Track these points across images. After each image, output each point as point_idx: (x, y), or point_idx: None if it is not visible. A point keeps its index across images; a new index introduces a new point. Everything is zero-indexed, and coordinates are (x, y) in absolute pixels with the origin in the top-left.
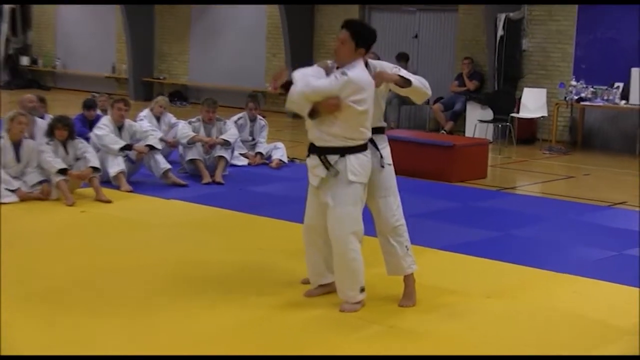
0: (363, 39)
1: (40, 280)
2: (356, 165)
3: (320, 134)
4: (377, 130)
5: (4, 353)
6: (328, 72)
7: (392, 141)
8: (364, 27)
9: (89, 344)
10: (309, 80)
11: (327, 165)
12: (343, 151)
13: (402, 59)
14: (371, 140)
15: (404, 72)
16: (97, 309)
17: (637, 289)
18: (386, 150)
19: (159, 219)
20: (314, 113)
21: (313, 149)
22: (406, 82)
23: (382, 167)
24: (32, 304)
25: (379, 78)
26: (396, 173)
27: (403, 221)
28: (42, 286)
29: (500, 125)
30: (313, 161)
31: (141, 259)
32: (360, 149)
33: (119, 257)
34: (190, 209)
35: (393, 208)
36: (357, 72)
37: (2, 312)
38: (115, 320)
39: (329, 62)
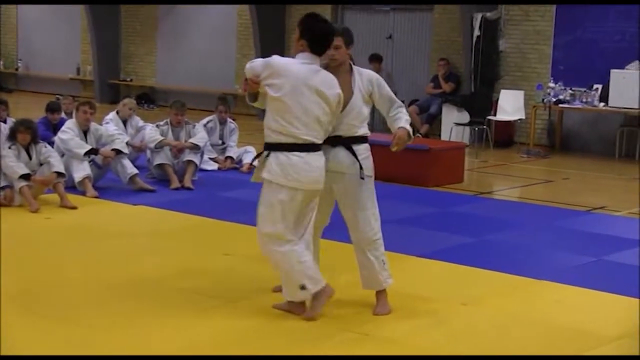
0: (305, 31)
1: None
2: (273, 164)
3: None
4: (357, 140)
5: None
6: None
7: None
8: (309, 20)
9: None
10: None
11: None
12: (268, 147)
13: (375, 60)
14: (350, 149)
15: (408, 127)
16: (66, 317)
17: (619, 296)
18: (368, 161)
19: (126, 225)
20: (250, 95)
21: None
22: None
23: (362, 178)
24: (8, 306)
25: (400, 144)
26: (375, 178)
27: (380, 234)
28: (4, 292)
29: (477, 129)
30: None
31: (107, 267)
32: (285, 147)
33: (84, 266)
34: (159, 215)
35: (371, 221)
36: (286, 59)
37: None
38: (78, 330)
39: None
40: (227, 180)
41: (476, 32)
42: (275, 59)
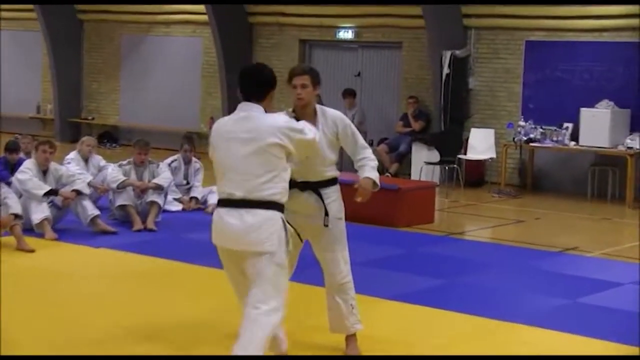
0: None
1: None
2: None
3: None
4: (326, 183)
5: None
6: None
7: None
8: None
9: None
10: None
11: None
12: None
13: (348, 95)
14: (317, 192)
15: (373, 176)
16: None
17: (595, 339)
18: (336, 204)
19: (87, 269)
20: None
21: None
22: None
23: (325, 225)
24: None
25: (365, 195)
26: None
27: (350, 277)
28: None
29: (447, 167)
30: None
31: (66, 312)
32: (219, 203)
33: (42, 311)
34: (121, 258)
35: (340, 264)
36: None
37: None
38: None
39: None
40: (191, 222)
41: (446, 70)
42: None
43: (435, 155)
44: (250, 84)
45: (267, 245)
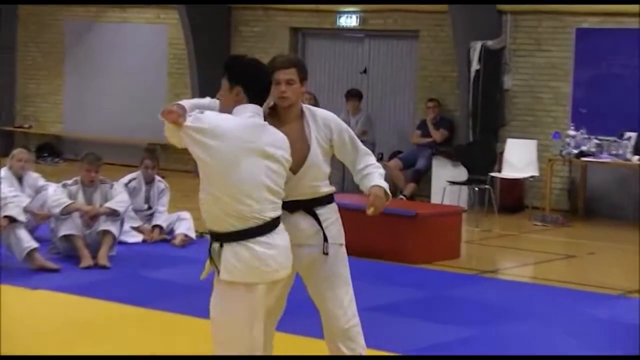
0: (239, 75)
1: None
2: (232, 259)
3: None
4: (321, 201)
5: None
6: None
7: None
8: (239, 61)
9: None
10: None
11: (210, 258)
12: (219, 237)
13: (353, 97)
14: (311, 213)
15: (384, 184)
16: None
17: None
18: (335, 227)
19: (21, 317)
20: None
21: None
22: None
23: (325, 253)
24: None
25: (378, 206)
26: None
27: (357, 320)
28: None
29: (477, 188)
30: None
31: None
32: (239, 236)
33: None
34: (64, 303)
35: (344, 304)
36: (223, 116)
37: None
38: None
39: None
40: (154, 257)
41: (475, 66)
42: (208, 114)
43: (461, 173)
44: (265, 84)
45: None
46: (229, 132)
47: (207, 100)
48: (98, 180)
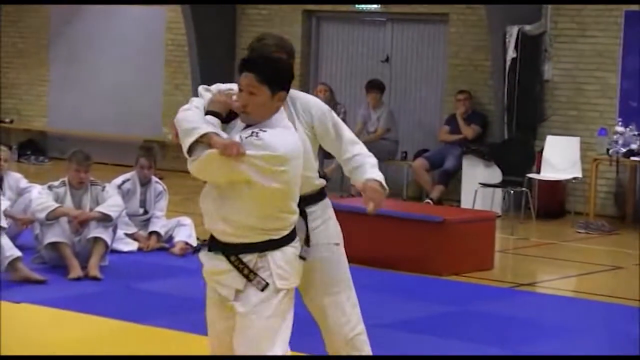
0: (281, 76)
1: None
2: (283, 264)
3: (225, 225)
4: (312, 199)
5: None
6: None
7: (353, 215)
8: (275, 63)
9: None
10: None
11: (245, 271)
12: (261, 247)
13: (374, 89)
14: (302, 213)
15: (378, 176)
16: None
17: None
18: (328, 226)
19: (4, 334)
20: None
21: (215, 244)
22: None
23: (302, 258)
24: None
25: (377, 201)
26: (361, 262)
27: (362, 327)
28: None
29: (512, 191)
30: (219, 264)
31: None
32: (287, 240)
33: None
34: (51, 318)
35: (346, 310)
36: (277, 134)
37: None
38: None
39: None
40: (150, 267)
41: (511, 54)
42: (265, 136)
43: (495, 174)
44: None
45: None
46: (294, 151)
47: (200, 100)
48: (88, 181)
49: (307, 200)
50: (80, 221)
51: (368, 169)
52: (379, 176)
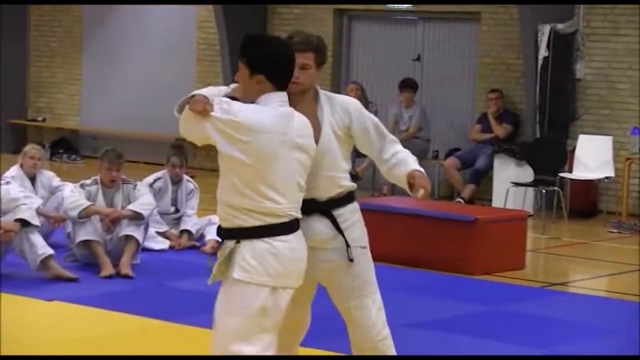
0: (260, 60)
1: None
2: (248, 257)
3: (218, 205)
4: (340, 201)
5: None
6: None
7: (384, 214)
8: (258, 42)
9: None
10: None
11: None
12: (235, 234)
13: (408, 88)
14: (328, 215)
15: (418, 166)
16: None
17: None
18: (357, 229)
19: (35, 331)
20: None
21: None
22: None
23: (351, 260)
24: None
25: (426, 187)
26: (392, 261)
27: (388, 332)
28: None
29: (544, 191)
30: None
31: None
32: (259, 232)
33: None
34: (82, 316)
35: (372, 314)
36: (251, 106)
37: None
38: None
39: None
40: (182, 265)
41: (543, 52)
42: (236, 105)
43: (527, 173)
44: (290, 66)
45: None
46: (264, 126)
47: (226, 88)
48: (120, 180)
49: (335, 203)
50: (112, 219)
51: (411, 162)
52: (423, 170)
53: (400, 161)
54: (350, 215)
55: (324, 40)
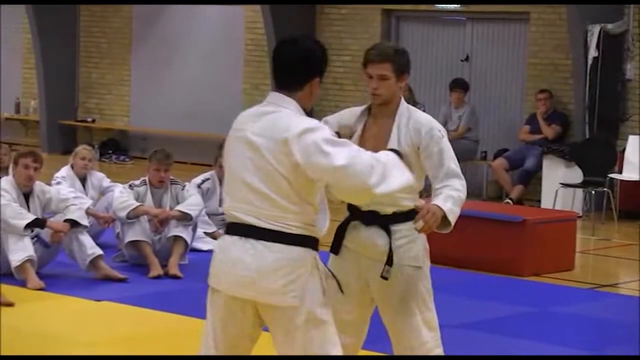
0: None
1: None
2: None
3: None
4: (399, 217)
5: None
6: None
7: None
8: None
9: None
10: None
11: None
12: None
13: (458, 88)
14: (386, 229)
15: (448, 207)
16: None
17: None
18: (413, 248)
19: (84, 331)
20: None
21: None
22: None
23: (384, 278)
24: None
25: (430, 222)
26: (441, 263)
27: (441, 350)
28: None
29: (594, 192)
30: None
31: None
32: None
33: None
34: (131, 316)
35: (421, 331)
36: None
37: None
38: None
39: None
40: None
41: (592, 52)
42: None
43: (576, 174)
44: (283, 65)
45: (289, 297)
46: (234, 124)
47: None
48: (168, 180)
49: (394, 219)
50: (161, 220)
51: (443, 197)
52: (449, 209)
53: (438, 194)
54: (408, 233)
55: (405, 50)
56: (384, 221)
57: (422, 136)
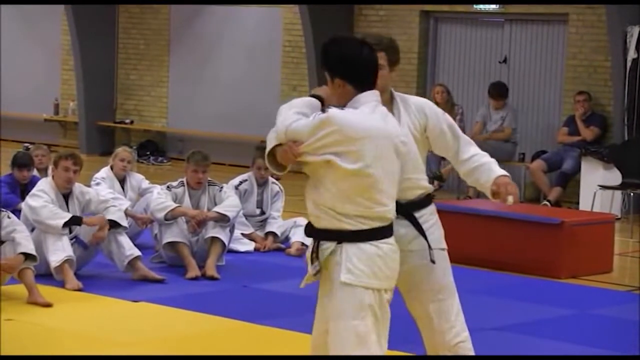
0: (339, 65)
1: None
2: (355, 260)
3: (310, 205)
4: (420, 203)
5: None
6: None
7: (470, 217)
8: (332, 47)
9: None
10: (289, 115)
11: (313, 257)
12: (338, 236)
13: (499, 93)
14: (408, 216)
15: (504, 172)
16: None
17: None
18: (436, 230)
19: (122, 331)
20: (278, 166)
21: (309, 230)
22: None
23: (433, 262)
24: None
25: (514, 193)
26: (478, 265)
27: (467, 334)
28: None
29: (632, 194)
30: (308, 249)
31: None
32: (366, 236)
33: None
34: (169, 317)
35: (450, 317)
36: (351, 112)
37: None
38: None
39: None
40: (267, 267)
41: (632, 54)
42: (337, 114)
43: (614, 176)
44: (368, 67)
45: None
46: (368, 130)
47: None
48: (206, 181)
49: (416, 205)
50: (198, 221)
51: (493, 166)
52: (504, 172)
53: (480, 166)
54: (430, 217)
55: (396, 41)
56: (406, 208)
57: (428, 115)
